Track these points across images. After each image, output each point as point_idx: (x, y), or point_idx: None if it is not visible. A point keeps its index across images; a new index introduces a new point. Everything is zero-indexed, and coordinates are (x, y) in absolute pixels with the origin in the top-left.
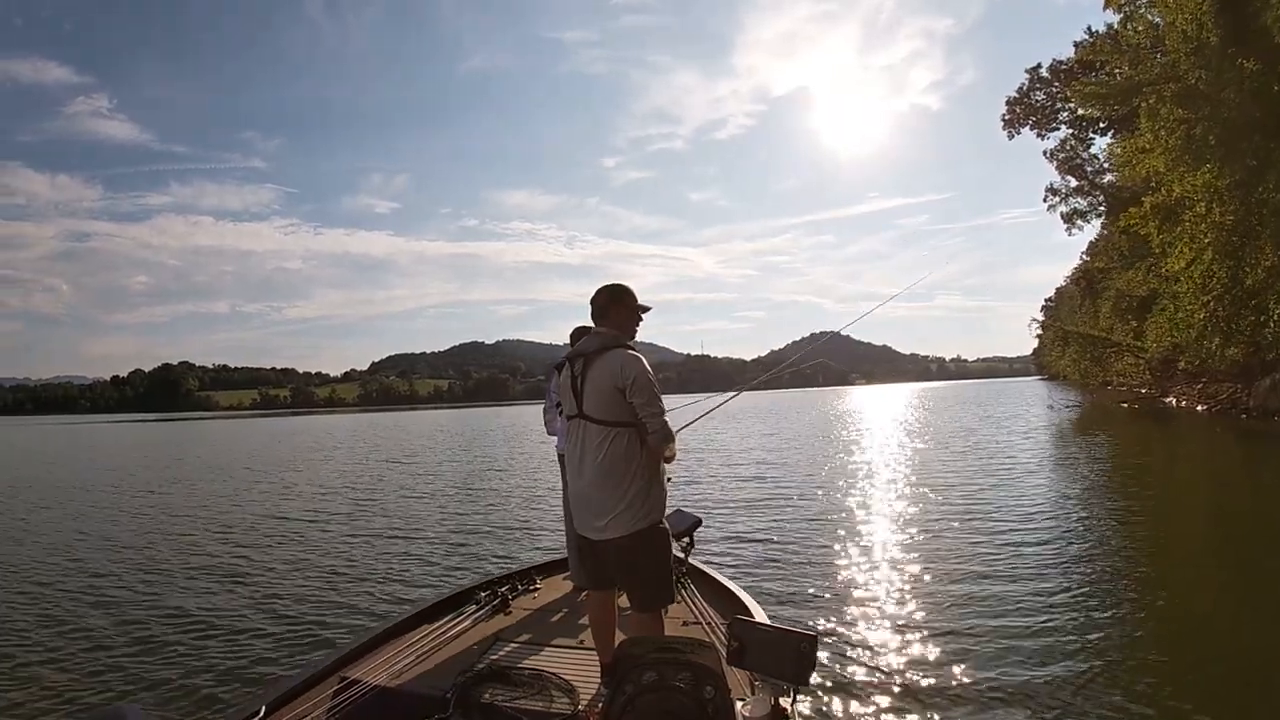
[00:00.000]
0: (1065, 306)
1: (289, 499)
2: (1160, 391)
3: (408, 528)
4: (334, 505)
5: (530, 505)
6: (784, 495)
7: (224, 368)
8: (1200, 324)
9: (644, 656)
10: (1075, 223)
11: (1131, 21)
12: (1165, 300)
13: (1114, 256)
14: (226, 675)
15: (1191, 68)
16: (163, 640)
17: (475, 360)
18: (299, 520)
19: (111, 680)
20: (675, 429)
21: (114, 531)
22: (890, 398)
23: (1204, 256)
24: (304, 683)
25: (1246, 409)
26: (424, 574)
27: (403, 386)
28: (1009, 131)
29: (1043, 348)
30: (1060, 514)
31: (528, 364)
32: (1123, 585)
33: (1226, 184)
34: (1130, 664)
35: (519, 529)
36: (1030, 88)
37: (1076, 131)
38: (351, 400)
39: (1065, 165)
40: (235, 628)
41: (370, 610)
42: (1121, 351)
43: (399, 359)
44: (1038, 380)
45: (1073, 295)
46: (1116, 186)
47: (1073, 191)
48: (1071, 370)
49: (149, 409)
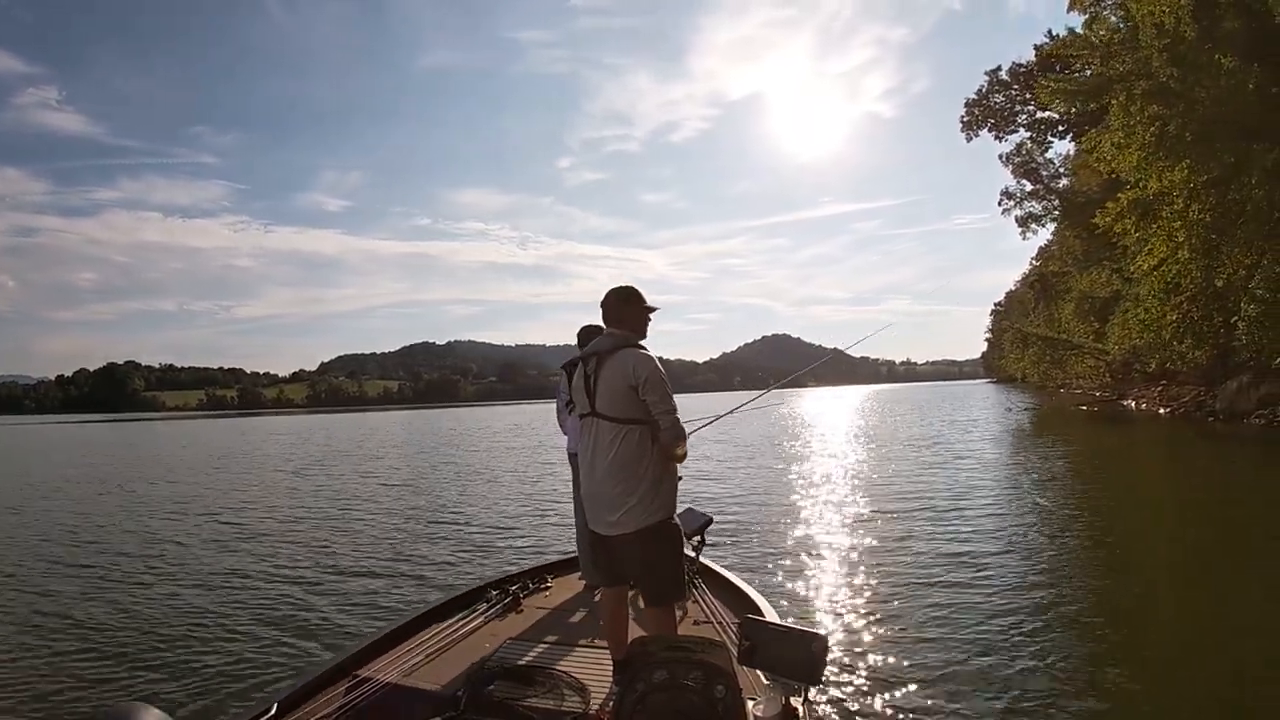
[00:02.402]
0: (1016, 310)
1: (293, 500)
2: (1118, 394)
3: (418, 527)
4: (339, 505)
5: (540, 505)
6: (795, 496)
7: (170, 367)
8: (1172, 325)
9: (655, 655)
10: (1030, 226)
11: (1096, 23)
12: (1129, 302)
13: (1068, 260)
14: (239, 673)
15: (1164, 64)
16: (174, 639)
17: (426, 361)
18: (308, 520)
19: (124, 679)
20: (689, 430)
21: (119, 531)
22: (850, 400)
23: (1180, 254)
24: (316, 680)
25: (1213, 411)
26: (435, 573)
27: (352, 387)
28: (967, 134)
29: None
30: (1078, 521)
31: (479, 365)
32: (1154, 590)
33: (1204, 181)
34: (1161, 663)
35: (530, 528)
36: (989, 90)
37: (1035, 135)
38: (300, 401)
39: (1021, 169)
40: (247, 626)
41: (382, 609)
42: (1082, 354)
43: (349, 359)
44: (988, 383)
45: (1025, 299)
46: (1072, 191)
47: (1028, 195)
48: (1032, 372)
49: (94, 409)
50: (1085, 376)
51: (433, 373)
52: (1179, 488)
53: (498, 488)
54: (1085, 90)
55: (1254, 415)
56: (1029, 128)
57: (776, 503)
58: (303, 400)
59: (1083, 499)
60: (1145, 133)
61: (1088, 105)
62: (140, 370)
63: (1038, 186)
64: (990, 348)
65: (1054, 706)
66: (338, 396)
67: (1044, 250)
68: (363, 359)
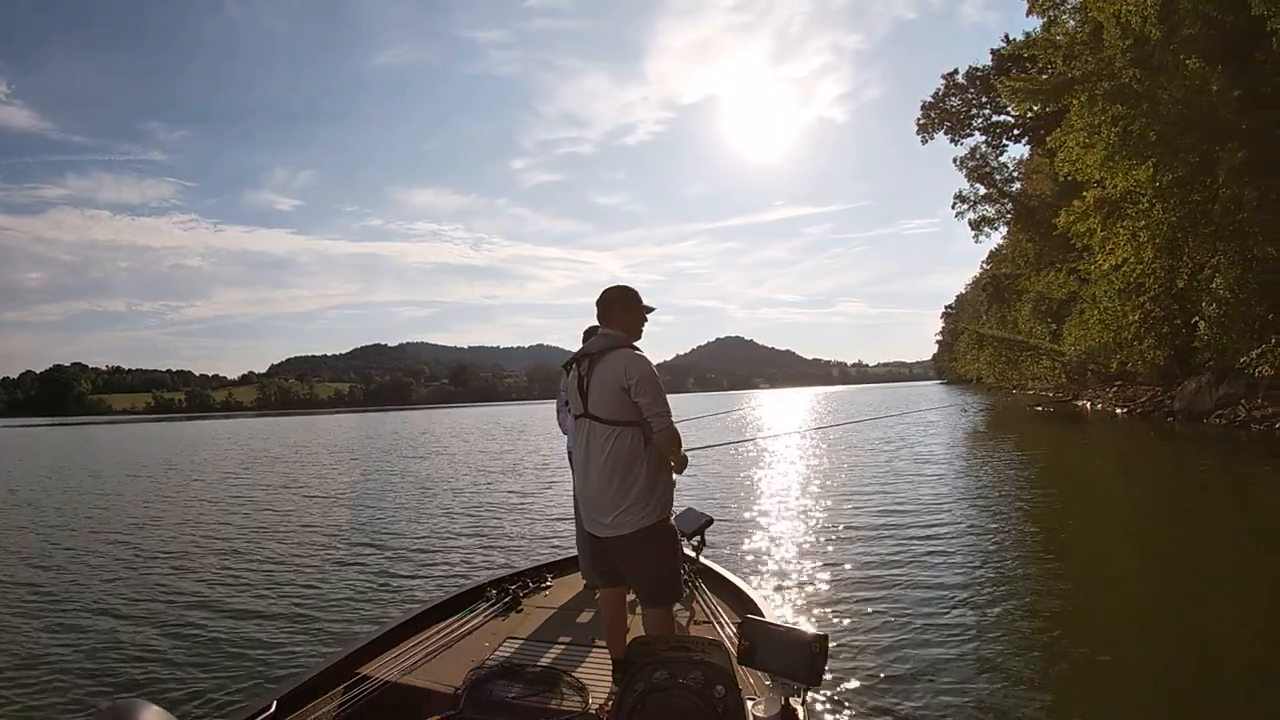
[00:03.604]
0: (968, 312)
1: (292, 500)
2: (1072, 395)
3: (416, 527)
4: (338, 505)
5: (539, 504)
6: (796, 497)
7: (118, 369)
8: (1134, 325)
9: (655, 655)
10: (983, 229)
11: (1054, 27)
12: (1085, 303)
13: (1021, 263)
14: (239, 671)
15: (1126, 65)
16: (174, 637)
17: (378, 363)
18: (306, 519)
19: (124, 677)
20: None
21: (117, 531)
22: (805, 401)
23: (1144, 254)
24: (316, 678)
25: (1171, 412)
26: (435, 571)
27: (302, 390)
28: (923, 136)
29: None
30: (1075, 522)
31: (431, 367)
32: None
33: (1170, 180)
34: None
35: (528, 527)
36: (946, 93)
37: (990, 138)
38: (249, 404)
39: (975, 173)
40: (247, 625)
41: (382, 607)
42: (1038, 355)
43: (299, 361)
44: (939, 385)
45: (976, 301)
46: (1024, 194)
47: (981, 199)
48: (988, 373)
49: (39, 413)
50: (1040, 377)
51: (384, 375)
52: (1159, 488)
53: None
54: (1046, 90)
55: (1213, 415)
56: (984, 131)
57: (773, 504)
58: (252, 403)
59: (1074, 499)
60: (1109, 132)
61: (1048, 106)
62: (87, 373)
63: (991, 190)
64: (941, 349)
65: (1054, 706)
66: (288, 399)
67: (994, 254)
68: (313, 361)
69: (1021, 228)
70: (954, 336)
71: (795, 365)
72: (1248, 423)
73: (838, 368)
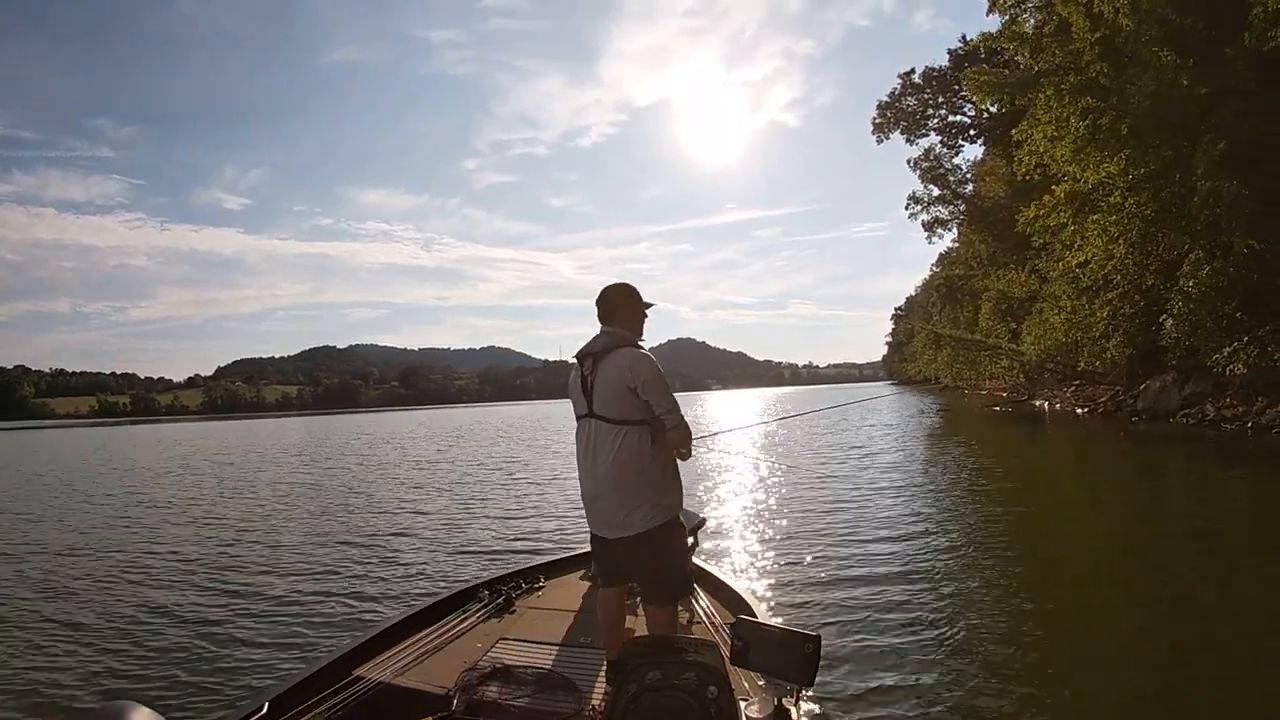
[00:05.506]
0: (918, 313)
1: (286, 498)
2: (1029, 394)
3: (410, 526)
4: (335, 505)
5: (537, 503)
6: (787, 496)
7: (61, 372)
8: (1102, 323)
9: (648, 655)
10: (936, 230)
11: (1015, 25)
12: (1045, 302)
13: (974, 264)
14: (230, 672)
15: (1095, 59)
16: (165, 638)
17: (327, 365)
18: (299, 519)
19: (115, 678)
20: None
21: (114, 532)
22: (759, 403)
23: (1116, 250)
24: (308, 679)
25: (1135, 411)
26: (428, 572)
27: (249, 393)
28: (878, 135)
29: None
30: (1073, 520)
31: (381, 369)
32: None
33: (1142, 173)
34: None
35: (525, 527)
36: (902, 93)
37: (945, 138)
38: (195, 408)
39: (929, 174)
40: (238, 625)
41: (374, 608)
42: (997, 354)
43: (246, 363)
44: (889, 385)
45: (928, 302)
46: (977, 196)
47: (935, 200)
48: (945, 372)
49: None
50: (998, 377)
51: (333, 377)
52: (1157, 489)
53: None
54: (1011, 84)
55: (1179, 414)
56: (940, 131)
57: (772, 503)
58: (198, 406)
59: (1061, 500)
60: (1078, 125)
61: (1015, 100)
62: (30, 376)
63: (945, 191)
64: (890, 351)
65: (1048, 703)
66: (234, 402)
67: (944, 256)
68: (261, 363)
69: (974, 229)
70: (906, 338)
71: (747, 367)
72: (1217, 422)
73: (789, 369)
